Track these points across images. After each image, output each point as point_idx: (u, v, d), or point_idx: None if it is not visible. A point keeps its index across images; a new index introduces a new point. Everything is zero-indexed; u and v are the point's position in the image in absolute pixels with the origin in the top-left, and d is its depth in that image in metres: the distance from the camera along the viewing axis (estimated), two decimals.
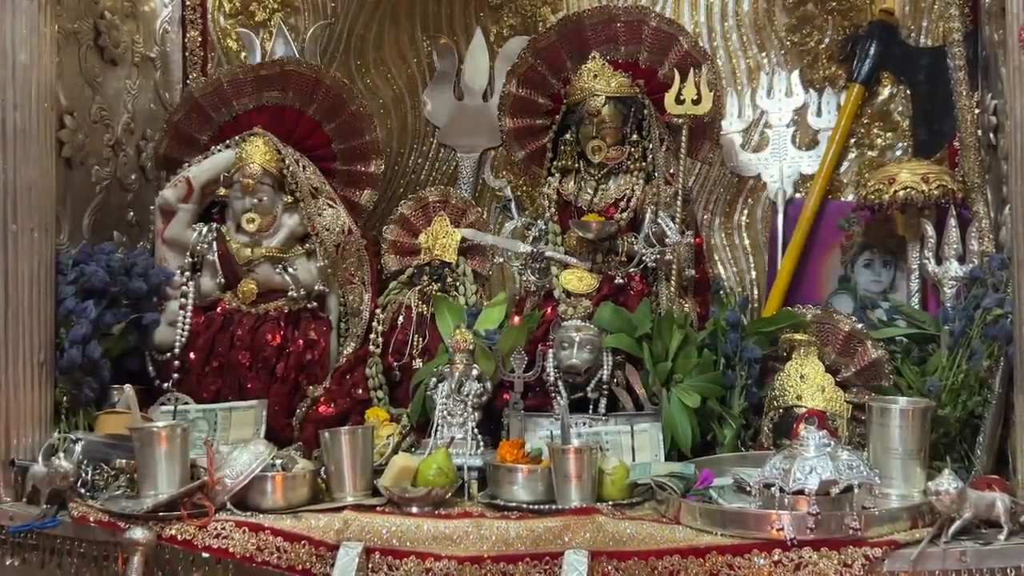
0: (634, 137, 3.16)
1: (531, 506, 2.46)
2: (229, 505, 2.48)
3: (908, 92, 3.35)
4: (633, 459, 2.69)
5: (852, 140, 3.40)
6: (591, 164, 3.18)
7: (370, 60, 3.72)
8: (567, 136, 3.22)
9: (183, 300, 3.14)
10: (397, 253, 3.33)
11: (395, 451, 2.77)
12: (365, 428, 2.69)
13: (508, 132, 3.37)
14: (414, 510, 2.47)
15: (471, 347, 2.85)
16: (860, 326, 2.86)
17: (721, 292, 3.19)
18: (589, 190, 3.18)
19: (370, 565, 2.37)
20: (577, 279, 3.03)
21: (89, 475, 2.62)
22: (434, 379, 2.83)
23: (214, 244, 3.18)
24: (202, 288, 3.19)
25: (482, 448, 2.74)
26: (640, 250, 3.01)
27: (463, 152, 3.66)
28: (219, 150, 3.25)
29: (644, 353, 2.81)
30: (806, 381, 2.77)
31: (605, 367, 2.83)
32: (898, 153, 3.36)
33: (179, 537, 2.43)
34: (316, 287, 3.22)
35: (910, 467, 2.44)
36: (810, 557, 2.17)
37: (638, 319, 2.87)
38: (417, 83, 3.72)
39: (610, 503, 2.45)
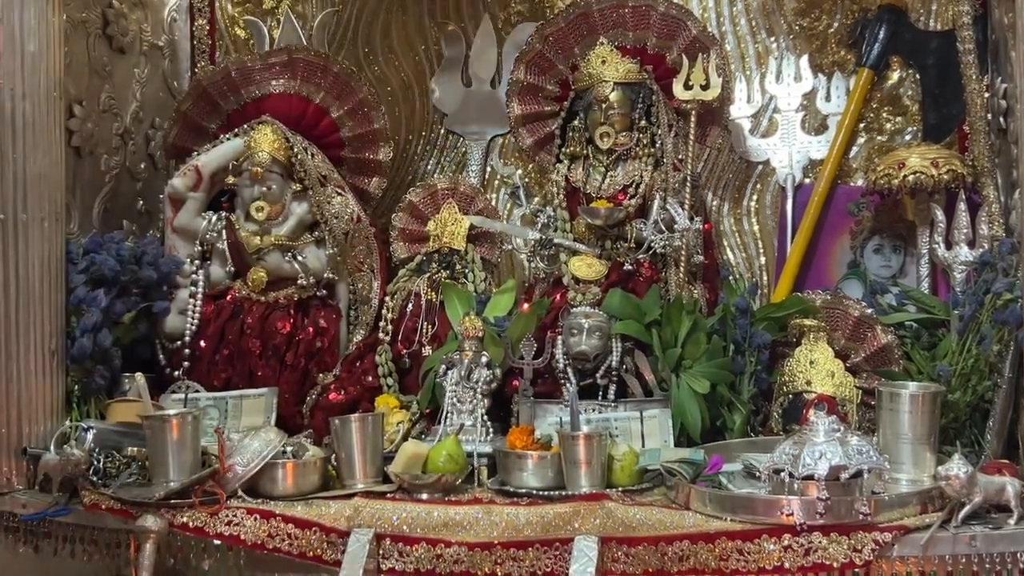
0: (642, 123, 3.16)
1: (541, 492, 2.47)
2: (240, 492, 2.49)
3: (917, 76, 3.33)
4: (642, 445, 2.69)
5: (861, 125, 3.39)
6: (599, 150, 3.17)
7: (378, 47, 3.72)
8: (575, 122, 3.22)
9: (193, 288, 3.14)
10: (406, 241, 3.33)
11: (405, 438, 2.78)
12: (375, 415, 2.70)
13: (516, 119, 3.36)
14: (424, 497, 2.48)
15: (480, 334, 2.85)
16: (870, 311, 2.86)
17: (730, 278, 3.18)
18: (598, 176, 3.17)
19: (381, 551, 2.39)
20: (586, 266, 3.03)
21: (101, 463, 2.63)
22: (443, 366, 2.84)
23: (223, 232, 3.18)
24: (212, 276, 3.19)
25: (491, 435, 2.75)
26: (649, 236, 3.00)
27: (471, 139, 3.65)
28: (228, 138, 3.25)
29: (653, 339, 2.81)
30: (816, 366, 2.77)
31: (614, 353, 2.84)
32: (907, 137, 3.35)
33: (191, 524, 2.45)
34: (325, 275, 3.22)
35: (920, 452, 2.44)
36: (820, 542, 2.18)
37: (647, 305, 2.87)
38: (425, 70, 3.72)
39: (619, 489, 2.46)
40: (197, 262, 3.18)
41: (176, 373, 3.08)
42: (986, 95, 3.02)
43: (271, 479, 2.52)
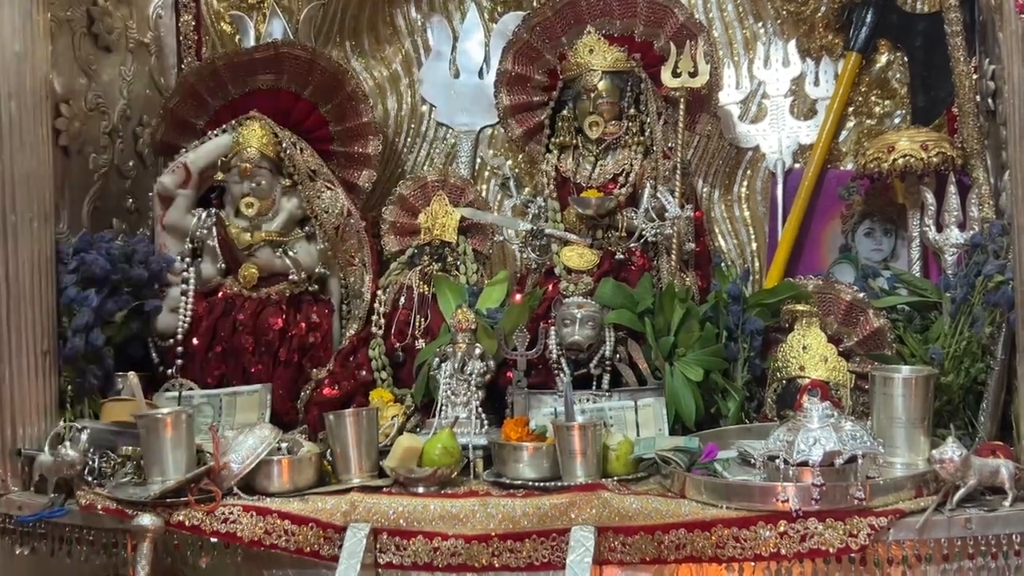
0: (631, 111, 3.15)
1: (537, 483, 2.48)
2: (236, 489, 2.49)
3: (905, 59, 3.33)
4: (637, 434, 2.70)
5: (850, 109, 3.38)
6: (589, 140, 3.17)
7: (365, 40, 3.70)
8: (564, 112, 3.21)
9: (184, 286, 3.14)
10: (397, 234, 3.32)
11: (400, 432, 2.78)
12: (369, 410, 2.71)
13: (505, 109, 3.36)
14: (420, 490, 2.48)
15: (473, 326, 2.85)
16: (862, 295, 2.86)
17: (722, 265, 3.19)
18: (588, 166, 3.17)
19: (378, 546, 2.39)
20: (577, 256, 3.03)
21: (96, 463, 2.63)
22: (437, 359, 2.83)
23: (214, 229, 3.17)
24: (203, 274, 3.18)
25: (486, 427, 2.75)
26: (640, 225, 3.00)
27: (460, 130, 3.64)
28: (216, 135, 3.24)
29: (646, 328, 2.81)
30: (809, 352, 2.77)
31: (607, 343, 2.84)
32: (896, 121, 3.35)
33: (187, 523, 2.45)
34: (317, 270, 3.22)
35: (914, 436, 2.44)
36: (815, 528, 2.18)
37: (639, 294, 2.87)
38: (412, 62, 3.71)
39: (615, 479, 2.47)
40: (188, 259, 3.17)
41: (169, 371, 3.08)
42: (974, 77, 3.02)
43: (267, 476, 2.51)
